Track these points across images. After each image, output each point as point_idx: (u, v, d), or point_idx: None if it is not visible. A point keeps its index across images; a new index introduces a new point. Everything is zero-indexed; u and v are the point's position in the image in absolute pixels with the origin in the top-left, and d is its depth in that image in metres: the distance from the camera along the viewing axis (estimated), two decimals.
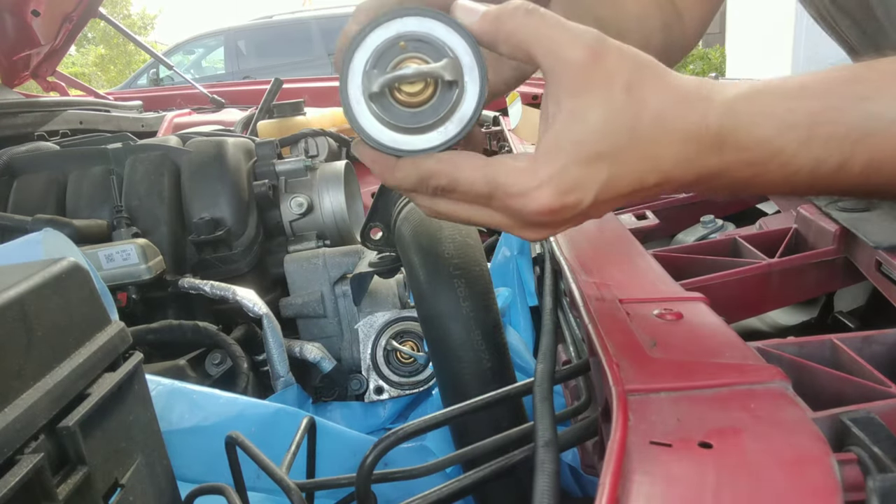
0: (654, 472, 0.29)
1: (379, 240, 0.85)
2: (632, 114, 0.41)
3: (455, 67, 0.40)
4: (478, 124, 1.12)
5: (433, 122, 0.41)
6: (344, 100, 0.41)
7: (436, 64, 0.39)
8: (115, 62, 16.25)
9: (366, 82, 0.40)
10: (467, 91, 0.40)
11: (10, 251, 0.71)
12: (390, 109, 0.41)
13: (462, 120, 0.41)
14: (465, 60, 0.40)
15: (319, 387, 0.99)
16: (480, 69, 0.40)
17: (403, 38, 0.40)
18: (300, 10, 9.72)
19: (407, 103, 0.41)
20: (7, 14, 1.72)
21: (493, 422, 0.58)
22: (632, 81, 0.41)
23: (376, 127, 0.41)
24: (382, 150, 0.42)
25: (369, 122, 0.41)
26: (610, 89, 0.40)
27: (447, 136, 0.41)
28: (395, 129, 0.41)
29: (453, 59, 0.40)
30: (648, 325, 0.44)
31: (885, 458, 0.29)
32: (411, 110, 0.41)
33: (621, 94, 0.40)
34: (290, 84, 2.32)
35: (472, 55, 0.40)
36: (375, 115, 0.41)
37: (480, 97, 0.40)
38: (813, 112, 0.40)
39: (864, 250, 0.57)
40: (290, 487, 0.47)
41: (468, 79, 0.40)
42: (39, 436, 0.34)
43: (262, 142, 1.26)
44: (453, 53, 0.40)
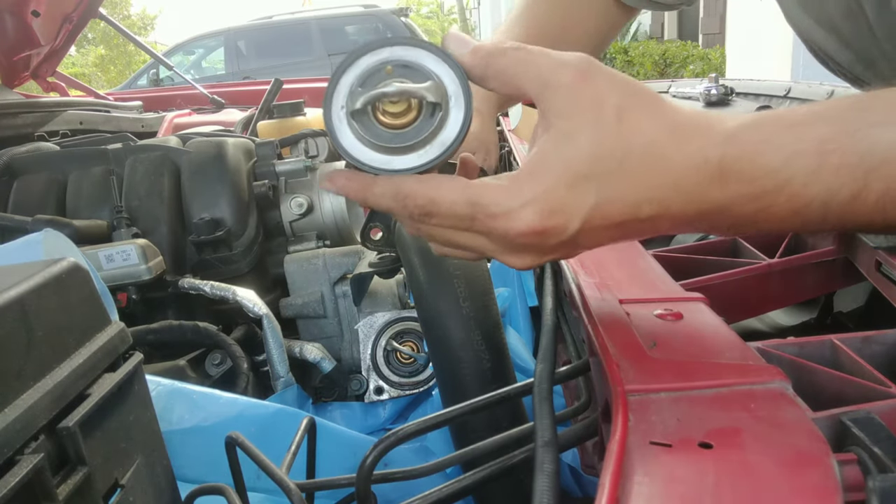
0: (654, 473, 0.29)
1: (379, 240, 0.85)
2: (623, 139, 0.39)
3: (439, 91, 0.40)
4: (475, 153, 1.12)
5: (414, 144, 0.40)
6: (326, 117, 0.41)
7: (419, 85, 0.39)
8: (115, 63, 16.25)
9: (349, 100, 0.40)
10: (451, 116, 0.40)
11: (11, 251, 0.71)
12: (372, 129, 0.40)
13: (444, 144, 0.40)
14: (450, 88, 0.40)
15: (319, 387, 0.99)
16: (466, 96, 0.40)
17: (391, 63, 0.40)
18: (300, 11, 9.73)
19: (389, 125, 0.40)
20: (7, 14, 1.72)
21: (493, 422, 0.58)
22: (623, 106, 0.39)
23: (356, 145, 0.41)
24: (359, 168, 0.41)
25: (349, 141, 0.40)
26: (600, 112, 0.39)
27: (427, 158, 0.40)
28: (375, 148, 0.40)
29: (438, 83, 0.40)
30: (648, 326, 0.44)
31: (885, 458, 0.29)
32: (393, 132, 0.40)
33: (612, 119, 0.39)
34: (290, 84, 2.32)
35: (459, 83, 0.40)
36: (356, 133, 0.40)
37: (464, 123, 0.40)
38: (822, 139, 0.38)
39: (864, 250, 0.57)
40: (290, 488, 0.47)
41: (453, 104, 0.40)
42: (39, 436, 0.34)
43: (262, 142, 1.26)
44: (439, 80, 0.40)
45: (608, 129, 0.39)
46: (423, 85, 0.39)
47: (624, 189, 0.39)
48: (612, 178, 0.39)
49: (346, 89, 0.40)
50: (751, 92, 1.54)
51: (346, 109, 0.40)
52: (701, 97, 1.57)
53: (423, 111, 0.40)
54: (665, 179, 0.39)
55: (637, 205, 0.40)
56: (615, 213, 0.40)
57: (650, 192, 0.39)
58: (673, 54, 8.71)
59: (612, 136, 0.39)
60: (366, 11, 8.18)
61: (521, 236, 0.40)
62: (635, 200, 0.39)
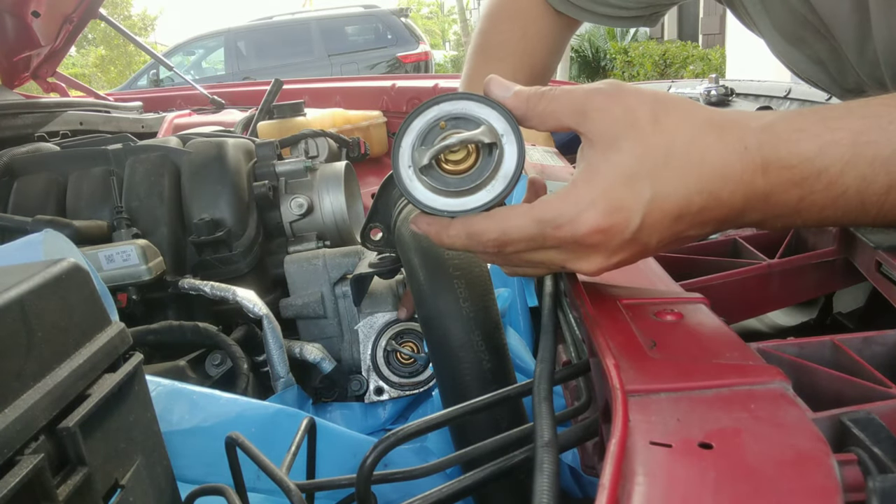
0: (654, 473, 0.29)
1: (379, 240, 0.85)
2: (663, 139, 0.42)
3: (492, 132, 0.44)
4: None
5: (480, 184, 0.44)
6: (397, 178, 0.45)
7: (474, 131, 0.43)
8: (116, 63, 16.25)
9: (415, 157, 0.44)
10: (506, 152, 0.44)
11: (11, 252, 0.71)
12: (440, 178, 0.45)
13: (506, 177, 0.44)
14: (500, 128, 0.44)
15: (319, 387, 0.99)
16: (515, 131, 0.44)
17: (442, 119, 0.44)
18: (300, 11, 9.74)
19: (454, 171, 0.44)
20: (7, 15, 1.73)
21: (493, 422, 0.58)
22: (656, 112, 0.42)
23: (428, 195, 0.45)
24: (435, 214, 0.45)
25: (421, 193, 0.45)
26: (636, 122, 0.42)
27: (495, 193, 0.44)
28: (445, 194, 0.45)
29: (489, 126, 0.44)
30: (648, 326, 0.44)
31: (885, 458, 0.29)
32: (459, 177, 0.45)
33: (649, 125, 0.42)
34: (290, 85, 2.32)
35: (506, 121, 0.44)
36: (427, 185, 0.45)
37: (520, 155, 0.44)
38: (855, 131, 0.40)
39: (864, 251, 0.57)
40: (290, 488, 0.47)
41: (506, 142, 0.44)
42: (39, 436, 0.34)
43: (262, 143, 1.26)
44: (488, 123, 0.44)
45: (647, 131, 0.42)
46: (478, 130, 0.43)
47: (674, 183, 0.42)
48: (661, 173, 0.42)
49: (409, 150, 0.45)
50: (751, 93, 1.54)
51: (413, 168, 0.44)
52: (701, 98, 1.57)
53: (481, 153, 0.44)
54: (710, 170, 0.42)
55: (689, 197, 0.42)
56: (671, 207, 0.42)
57: (699, 184, 0.42)
58: (673, 55, 8.71)
59: (653, 137, 0.42)
60: (366, 12, 8.18)
61: (588, 237, 0.42)
62: (686, 193, 0.42)
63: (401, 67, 7.62)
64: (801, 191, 0.42)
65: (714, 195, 0.42)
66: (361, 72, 7.51)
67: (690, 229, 0.44)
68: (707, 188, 0.42)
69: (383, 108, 2.19)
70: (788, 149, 0.41)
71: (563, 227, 0.42)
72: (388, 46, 7.89)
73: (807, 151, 0.41)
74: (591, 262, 0.45)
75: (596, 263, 0.45)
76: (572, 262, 0.45)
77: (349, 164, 1.28)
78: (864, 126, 0.40)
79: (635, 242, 0.43)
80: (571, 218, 0.42)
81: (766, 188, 0.42)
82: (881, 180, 0.40)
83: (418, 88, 2.17)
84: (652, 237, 0.43)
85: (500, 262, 0.49)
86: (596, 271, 0.45)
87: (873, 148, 0.40)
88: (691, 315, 0.46)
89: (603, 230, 0.42)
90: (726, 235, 0.70)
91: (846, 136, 0.40)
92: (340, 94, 2.33)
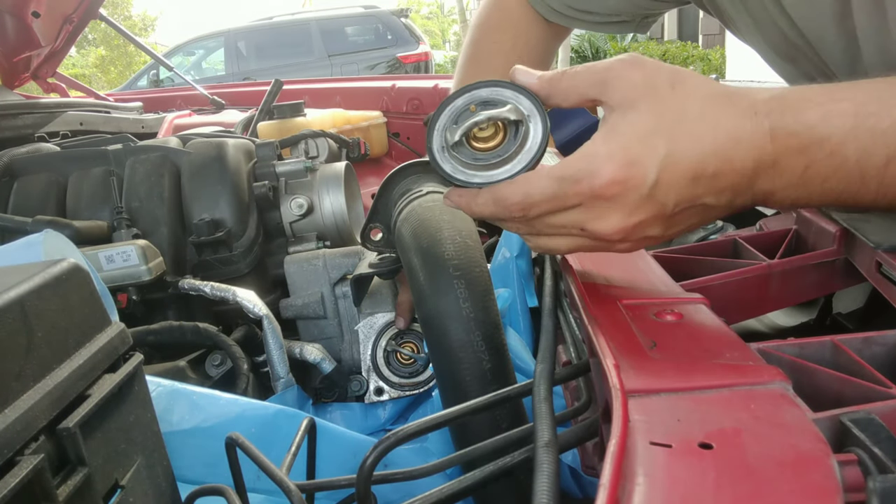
0: (654, 473, 0.29)
1: (379, 241, 0.85)
2: (680, 102, 0.44)
3: (518, 111, 0.48)
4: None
5: (506, 158, 0.48)
6: (430, 156, 0.49)
7: (501, 109, 0.47)
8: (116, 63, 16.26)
9: (447, 136, 0.48)
10: (531, 130, 0.48)
11: (11, 252, 0.71)
12: (469, 154, 0.49)
13: (531, 151, 0.48)
14: (526, 108, 0.48)
15: (319, 388, 0.99)
16: (540, 111, 0.48)
17: (473, 103, 0.48)
18: (300, 12, 9.74)
19: (483, 148, 0.49)
20: (7, 15, 1.73)
21: (493, 423, 0.58)
22: (673, 79, 0.45)
23: (458, 169, 0.49)
24: (463, 185, 0.49)
25: (451, 167, 0.49)
26: (654, 87, 0.45)
27: (520, 166, 0.48)
28: (475, 168, 0.49)
29: (515, 105, 0.48)
30: (649, 326, 0.44)
31: (885, 458, 0.29)
32: (487, 153, 0.49)
33: (666, 90, 0.45)
34: (291, 85, 2.32)
35: (532, 102, 0.48)
36: (457, 161, 0.49)
37: (545, 131, 0.48)
38: (858, 102, 0.42)
39: (865, 251, 0.57)
40: (291, 488, 0.47)
41: (531, 121, 0.48)
42: (39, 437, 0.34)
43: (262, 143, 1.26)
44: (515, 104, 0.48)
45: (664, 95, 0.45)
46: (505, 108, 0.47)
47: (690, 142, 0.44)
48: (677, 133, 0.44)
49: (442, 131, 0.49)
50: None
51: (445, 146, 0.49)
52: None
53: (507, 132, 0.49)
54: (723, 133, 0.44)
55: (703, 159, 0.44)
56: (686, 166, 0.44)
57: (714, 146, 0.44)
58: (673, 55, 8.71)
59: (670, 100, 0.44)
60: (366, 12, 8.18)
61: (606, 188, 0.44)
62: (701, 154, 0.44)
63: (401, 68, 7.62)
64: (806, 159, 0.43)
65: (727, 158, 0.44)
66: (361, 72, 7.51)
67: (707, 195, 0.46)
68: (721, 150, 0.44)
69: (383, 108, 2.19)
70: (794, 117, 0.43)
71: (581, 182, 0.45)
72: (388, 47, 7.89)
73: (810, 119, 0.43)
74: (610, 220, 0.46)
75: (615, 222, 0.46)
76: (592, 222, 0.47)
77: (349, 165, 1.28)
78: (867, 99, 0.42)
79: (652, 201, 0.45)
80: (590, 172, 0.44)
81: (774, 154, 0.44)
82: (880, 152, 0.42)
83: (418, 89, 2.17)
84: (669, 196, 0.45)
85: (527, 230, 0.51)
86: (615, 231, 0.47)
87: (873, 120, 0.41)
88: (691, 315, 0.46)
89: (620, 182, 0.44)
90: (726, 235, 0.70)
91: (849, 107, 0.42)
92: (340, 94, 2.33)
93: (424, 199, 0.72)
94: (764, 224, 0.73)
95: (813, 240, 0.64)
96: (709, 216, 0.49)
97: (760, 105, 0.44)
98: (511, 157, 0.48)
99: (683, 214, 0.47)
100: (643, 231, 0.47)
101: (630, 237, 0.48)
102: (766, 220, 0.74)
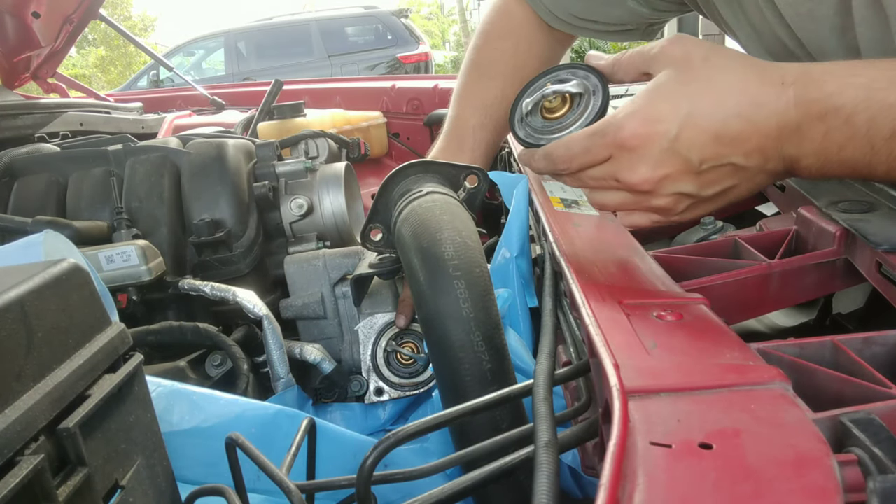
0: (654, 474, 0.29)
1: (379, 241, 0.85)
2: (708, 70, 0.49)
3: (581, 86, 0.58)
4: None
5: (566, 125, 0.59)
6: (511, 124, 0.62)
7: (566, 84, 0.58)
8: (116, 64, 16.26)
9: (522, 108, 0.60)
10: (591, 102, 0.58)
11: (11, 252, 0.71)
12: (540, 122, 0.60)
13: (586, 119, 0.58)
14: (592, 82, 0.58)
15: (319, 388, 0.99)
16: (603, 86, 0.58)
17: (550, 81, 0.59)
18: (300, 12, 9.74)
19: (552, 118, 0.60)
20: (7, 16, 1.73)
21: (493, 423, 0.58)
22: (709, 55, 0.50)
23: (530, 134, 0.61)
24: (527, 145, 0.61)
25: (524, 133, 0.61)
26: (689, 59, 0.51)
27: (572, 129, 0.58)
28: (542, 132, 0.60)
29: (580, 81, 0.58)
30: (649, 326, 0.44)
31: (885, 458, 0.29)
32: (553, 122, 0.60)
33: (699, 62, 0.50)
34: (291, 86, 2.32)
35: (598, 80, 0.58)
36: (530, 127, 0.61)
37: (602, 104, 0.57)
38: (872, 77, 0.46)
39: (865, 252, 0.57)
40: (291, 489, 0.47)
41: (594, 94, 0.58)
42: (39, 437, 0.34)
43: (262, 143, 1.26)
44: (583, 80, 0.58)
45: (696, 65, 0.50)
46: (569, 84, 0.58)
47: (713, 103, 0.49)
48: (702, 95, 0.49)
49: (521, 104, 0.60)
50: None
51: (522, 116, 0.60)
52: None
53: (573, 104, 0.59)
54: (748, 98, 0.48)
55: (725, 119, 0.49)
56: (707, 124, 0.49)
57: (737, 108, 0.48)
58: None
59: (700, 69, 0.50)
60: (366, 13, 8.18)
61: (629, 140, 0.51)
62: (724, 115, 0.49)
63: (401, 68, 7.62)
64: (824, 125, 0.47)
65: (750, 120, 0.48)
66: (361, 72, 7.50)
67: (734, 154, 0.50)
68: (744, 113, 0.48)
69: (383, 108, 2.19)
70: (817, 86, 0.47)
71: (608, 135, 0.52)
72: (388, 47, 7.88)
73: (829, 88, 0.47)
74: (639, 170, 0.52)
75: (642, 172, 0.52)
76: (622, 172, 0.53)
77: (349, 165, 1.28)
78: (880, 76, 0.46)
79: (676, 155, 0.50)
80: (616, 126, 0.51)
81: (797, 118, 0.48)
82: (887, 125, 0.46)
83: (418, 89, 2.17)
84: (692, 152, 0.50)
85: (578, 184, 0.59)
86: (643, 181, 0.52)
87: (883, 94, 0.45)
88: (692, 315, 0.46)
89: (641, 135, 0.50)
90: (726, 236, 0.70)
91: (864, 80, 0.46)
92: (340, 94, 2.33)
93: (424, 199, 0.72)
94: (764, 224, 0.72)
95: (813, 240, 0.64)
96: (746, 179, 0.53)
97: (788, 76, 0.48)
98: (571, 124, 0.58)
99: (714, 173, 0.52)
100: (674, 185, 0.52)
101: (661, 190, 0.53)
102: (766, 221, 0.74)
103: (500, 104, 0.99)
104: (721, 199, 0.56)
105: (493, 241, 1.13)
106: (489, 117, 0.99)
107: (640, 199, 0.55)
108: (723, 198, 0.55)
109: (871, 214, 0.60)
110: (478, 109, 0.99)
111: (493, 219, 1.45)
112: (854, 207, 0.62)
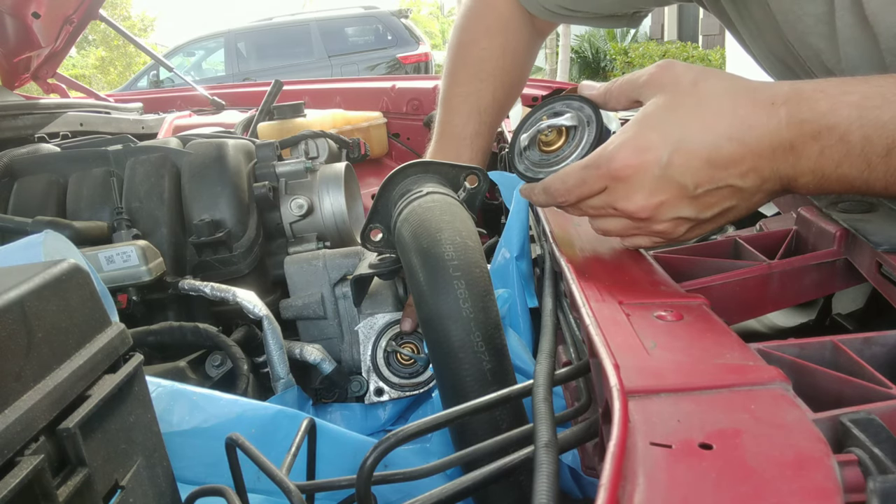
0: (654, 474, 0.29)
1: (379, 241, 0.85)
2: (697, 96, 0.49)
3: (576, 118, 0.59)
4: None
5: (562, 157, 0.60)
6: (510, 159, 0.63)
7: (559, 118, 0.59)
8: (116, 64, 16.26)
9: (521, 142, 0.61)
10: (585, 134, 0.59)
11: (11, 253, 0.71)
12: (537, 154, 0.62)
13: (580, 152, 0.59)
14: (586, 113, 0.59)
15: (319, 388, 0.99)
16: (597, 116, 0.58)
17: (546, 114, 0.60)
18: (300, 13, 9.74)
19: (548, 151, 0.61)
20: (7, 16, 1.73)
21: (493, 423, 0.58)
22: (698, 78, 0.50)
23: (528, 168, 0.62)
24: (527, 179, 0.62)
25: (523, 167, 0.62)
26: (677, 85, 0.51)
27: (567, 162, 0.59)
28: (540, 166, 0.61)
29: (575, 113, 0.59)
30: (649, 327, 0.44)
31: (885, 459, 0.29)
32: (550, 155, 0.61)
33: (688, 87, 0.50)
34: (291, 86, 2.32)
35: (592, 110, 0.59)
36: (529, 160, 0.62)
37: (596, 135, 0.58)
38: (864, 95, 0.46)
39: (865, 252, 0.57)
40: (291, 489, 0.47)
41: (588, 125, 0.59)
42: (39, 437, 0.34)
43: (262, 143, 1.26)
44: (577, 111, 0.59)
45: (685, 90, 0.50)
46: (563, 117, 0.59)
47: (703, 129, 0.49)
48: (690, 121, 0.49)
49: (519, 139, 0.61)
50: None
51: (521, 151, 0.61)
52: None
53: (569, 136, 0.60)
54: (739, 121, 0.48)
55: (717, 143, 0.48)
56: (698, 149, 0.49)
57: (729, 131, 0.48)
58: (673, 55, 8.71)
59: (689, 95, 0.50)
60: (366, 13, 8.18)
61: (621, 171, 0.51)
62: (714, 139, 0.48)
63: (401, 68, 7.62)
64: (819, 144, 0.47)
65: (742, 142, 0.48)
66: (361, 73, 7.50)
67: (730, 177, 0.50)
68: (735, 135, 0.48)
69: (383, 108, 2.19)
70: (809, 105, 0.47)
71: (601, 167, 0.52)
72: (388, 47, 7.89)
73: (821, 108, 0.46)
74: (635, 199, 0.52)
75: (638, 200, 0.52)
76: (619, 201, 0.53)
77: (349, 165, 1.28)
78: (873, 93, 0.46)
79: (670, 181, 0.50)
80: (607, 158, 0.51)
81: (790, 138, 0.47)
82: (881, 143, 0.45)
83: (418, 89, 2.17)
84: (685, 177, 0.50)
85: (580, 213, 0.60)
86: (640, 209, 0.53)
87: (876, 112, 0.45)
88: (691, 316, 0.46)
89: (632, 165, 0.50)
90: (726, 236, 0.70)
91: (856, 98, 0.46)
92: (340, 94, 2.33)
93: (424, 199, 0.72)
94: (764, 224, 0.73)
95: (813, 240, 0.64)
96: (744, 199, 0.52)
97: (779, 96, 0.47)
98: (567, 157, 0.59)
99: (711, 196, 0.51)
100: (671, 210, 0.52)
101: (659, 216, 0.53)
102: (766, 221, 0.74)
103: (492, 108, 0.98)
104: (721, 220, 0.55)
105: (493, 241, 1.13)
106: (484, 124, 0.99)
107: (641, 225, 0.55)
108: (722, 218, 0.55)
109: (871, 215, 0.60)
110: (472, 116, 0.98)
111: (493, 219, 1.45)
112: (854, 208, 0.62)
